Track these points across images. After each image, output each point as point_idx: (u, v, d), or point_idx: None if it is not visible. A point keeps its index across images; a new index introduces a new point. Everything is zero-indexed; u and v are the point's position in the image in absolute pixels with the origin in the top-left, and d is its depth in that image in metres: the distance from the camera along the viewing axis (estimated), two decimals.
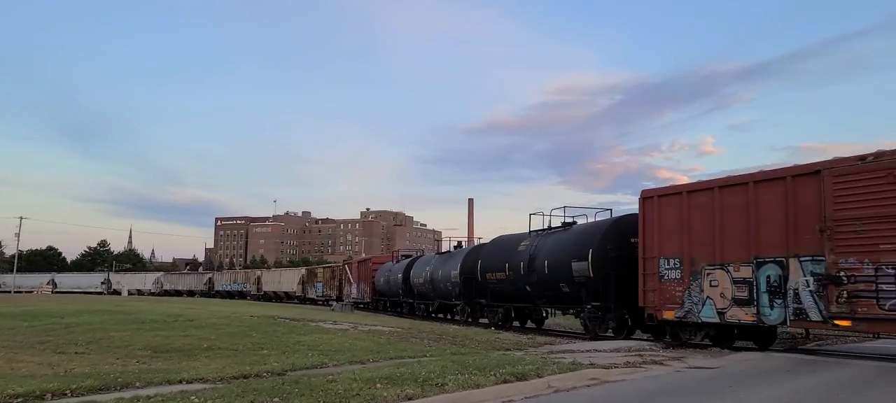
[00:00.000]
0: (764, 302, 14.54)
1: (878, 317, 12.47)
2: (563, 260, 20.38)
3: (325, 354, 12.98)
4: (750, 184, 15.06)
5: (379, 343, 15.24)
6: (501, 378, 8.80)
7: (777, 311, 14.30)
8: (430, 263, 32.79)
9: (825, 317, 13.38)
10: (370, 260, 45.23)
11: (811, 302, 13.63)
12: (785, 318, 14.19)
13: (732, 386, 9.29)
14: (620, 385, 9.28)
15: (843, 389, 9.08)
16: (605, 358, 12.81)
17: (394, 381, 8.37)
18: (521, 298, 23.49)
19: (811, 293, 13.60)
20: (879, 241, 12.56)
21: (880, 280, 12.44)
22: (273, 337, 16.19)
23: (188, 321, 20.45)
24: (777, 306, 14.27)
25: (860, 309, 12.74)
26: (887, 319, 12.33)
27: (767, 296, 14.47)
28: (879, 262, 12.50)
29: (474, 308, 27.25)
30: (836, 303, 13.10)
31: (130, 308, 27.16)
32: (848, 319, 13.04)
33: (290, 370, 10.40)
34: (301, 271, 62.10)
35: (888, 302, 12.26)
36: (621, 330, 19.11)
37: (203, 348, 14.28)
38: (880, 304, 12.41)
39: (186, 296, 73.29)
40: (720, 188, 15.78)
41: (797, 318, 13.95)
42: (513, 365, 10.21)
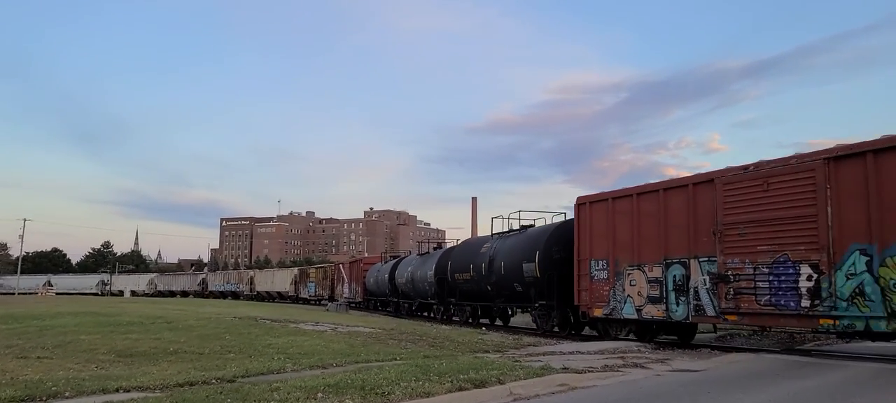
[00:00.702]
0: (672, 299, 15.79)
1: (757, 312, 13.89)
2: (516, 261, 21.65)
3: (291, 358, 12.42)
4: (660, 191, 16.26)
5: (353, 346, 14.65)
6: (457, 386, 8.19)
7: (682, 308, 15.59)
8: (411, 264, 33.41)
9: (718, 312, 14.67)
10: (361, 261, 45.90)
11: (707, 299, 14.90)
12: (688, 314, 15.41)
13: (711, 392, 8.66)
14: (588, 392, 8.66)
15: (829, 395, 8.43)
16: (584, 361, 12.19)
17: (339, 389, 7.77)
18: (483, 297, 24.70)
19: (707, 290, 14.87)
20: (757, 243, 13.83)
21: (757, 278, 13.79)
22: (246, 340, 15.62)
23: (166, 323, 19.91)
24: (682, 303, 15.55)
25: (743, 304, 14.07)
26: (763, 313, 13.78)
27: (674, 294, 15.73)
28: (757, 262, 13.82)
29: (447, 306, 28.25)
30: (725, 299, 14.39)
31: (115, 309, 26.66)
32: (734, 314, 14.38)
33: (243, 376, 9.86)
34: (293, 271, 63.02)
35: (763, 298, 13.67)
36: (565, 326, 20.17)
37: (169, 352, 13.72)
38: (758, 300, 13.80)
39: (180, 297, 73.09)
40: (638, 195, 16.95)
41: (697, 314, 15.18)
42: (477, 371, 9.59)
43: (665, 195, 16.15)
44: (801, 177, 13.32)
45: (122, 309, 26.66)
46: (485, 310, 25.97)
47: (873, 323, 11.98)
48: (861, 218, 12.20)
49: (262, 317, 23.19)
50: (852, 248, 12.35)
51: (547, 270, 19.93)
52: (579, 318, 19.29)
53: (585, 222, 18.50)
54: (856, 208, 12.31)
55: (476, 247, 26.07)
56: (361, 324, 21.89)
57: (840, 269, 12.50)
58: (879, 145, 12.12)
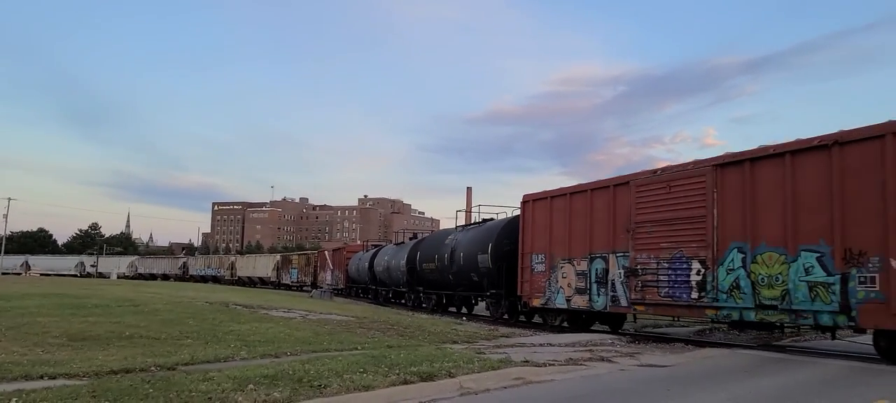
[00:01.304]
0: (594, 290, 17.03)
1: (659, 302, 15.21)
2: (473, 252, 22.83)
3: (247, 345, 12.00)
4: (589, 191, 17.49)
5: (318, 334, 14.22)
6: (402, 379, 7.77)
7: (602, 299, 16.81)
8: (387, 253, 33.99)
9: (629, 303, 15.91)
10: (344, 249, 46.30)
11: (622, 291, 16.11)
12: (606, 304, 16.62)
13: (671, 389, 8.26)
14: (542, 387, 8.24)
15: (792, 394, 8.03)
16: (551, 354, 11.79)
17: (274, 380, 7.35)
18: (447, 286, 25.77)
19: (622, 283, 16.11)
20: (661, 241, 15.11)
21: (660, 272, 15.12)
22: (208, 326, 15.16)
23: (134, 306, 19.42)
24: (602, 294, 16.77)
25: (648, 295, 15.36)
26: (663, 304, 15.12)
27: (596, 286, 16.97)
28: (660, 258, 15.12)
29: (417, 295, 29.31)
30: (635, 291, 15.65)
31: (87, 292, 26.15)
32: (642, 304, 15.69)
33: (187, 363, 9.41)
34: (275, 258, 63.77)
35: (664, 290, 14.98)
36: (513, 314, 21.32)
37: (124, 337, 13.23)
38: (659, 292, 15.11)
39: (161, 280, 72.63)
40: (571, 194, 18.10)
41: (613, 304, 16.41)
42: (432, 363, 9.18)
43: (592, 195, 17.33)
44: (695, 181, 14.55)
45: (94, 292, 26.16)
46: (449, 299, 26.59)
47: (745, 313, 13.42)
48: (739, 220, 13.46)
49: (236, 303, 22.73)
50: (732, 246, 13.63)
51: (498, 261, 21.03)
52: (522, 307, 20.33)
53: (529, 218, 19.75)
54: (736, 210, 13.57)
55: (441, 239, 27.22)
56: (336, 312, 21.46)
57: (722, 265, 13.79)
58: (755, 154, 13.40)
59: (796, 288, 12.37)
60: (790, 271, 12.48)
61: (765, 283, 12.93)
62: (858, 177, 11.61)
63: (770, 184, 13.03)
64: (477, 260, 22.33)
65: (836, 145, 11.97)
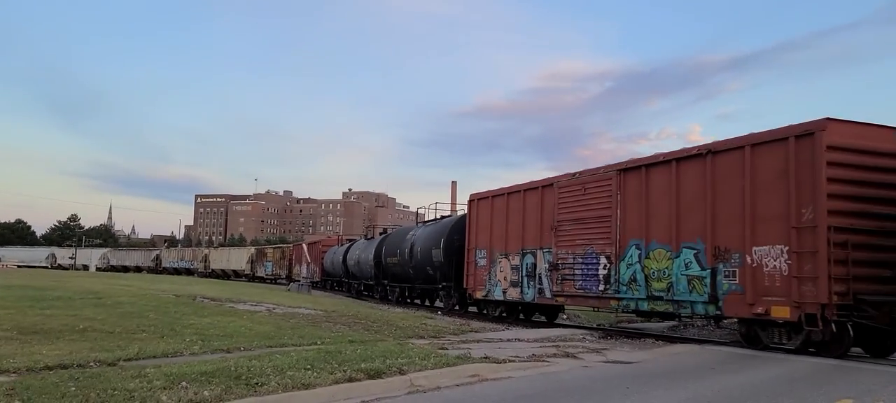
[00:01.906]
0: (525, 283, 18.31)
1: (574, 294, 16.62)
2: (428, 248, 24.09)
3: (203, 339, 11.60)
4: (522, 191, 18.75)
5: (280, 329, 13.83)
6: (348, 376, 7.40)
7: (531, 291, 18.09)
8: (359, 248, 34.81)
9: (552, 295, 17.27)
10: (320, 243, 47.41)
11: (547, 284, 17.40)
12: (534, 296, 17.95)
13: (629, 387, 7.97)
14: (497, 384, 7.94)
15: (755, 393, 7.77)
16: (516, 349, 11.48)
17: (210, 377, 6.98)
18: (408, 279, 26.94)
19: (547, 276, 17.42)
20: (577, 238, 16.54)
21: (575, 266, 16.54)
22: (168, 319, 14.72)
23: (97, 299, 18.96)
24: (531, 287, 18.05)
25: (566, 288, 16.75)
26: (578, 295, 16.56)
27: (527, 279, 18.24)
28: (576, 253, 16.53)
29: (383, 288, 30.37)
30: (556, 284, 17.02)
31: (53, 283, 25.59)
32: (562, 296, 17.13)
33: (131, 358, 9.00)
34: (250, 251, 65.11)
35: (578, 283, 16.41)
36: (463, 306, 22.53)
37: (77, 330, 12.75)
38: (575, 285, 16.51)
39: (133, 272, 71.83)
40: (508, 194, 19.43)
41: (540, 296, 17.75)
42: (385, 359, 8.84)
43: (524, 195, 18.63)
44: (603, 184, 15.95)
45: (61, 284, 25.61)
46: (411, 291, 27.58)
47: (640, 302, 14.93)
48: (637, 220, 14.89)
49: (205, 296, 22.29)
50: (631, 243, 15.05)
51: (449, 256, 22.33)
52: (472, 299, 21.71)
53: (474, 216, 21.20)
54: (635, 211, 15.00)
55: (404, 234, 28.54)
56: (307, 306, 21.05)
57: (623, 260, 15.22)
58: (649, 161, 14.88)
59: (678, 280, 13.80)
60: (674, 266, 13.90)
61: (655, 277, 14.37)
62: (726, 182, 12.97)
63: (661, 187, 14.37)
64: (432, 254, 23.60)
65: (709, 154, 13.38)
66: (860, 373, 9.74)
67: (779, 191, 12.00)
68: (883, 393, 8.08)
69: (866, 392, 8.06)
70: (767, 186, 12.25)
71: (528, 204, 18.39)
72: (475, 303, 21.57)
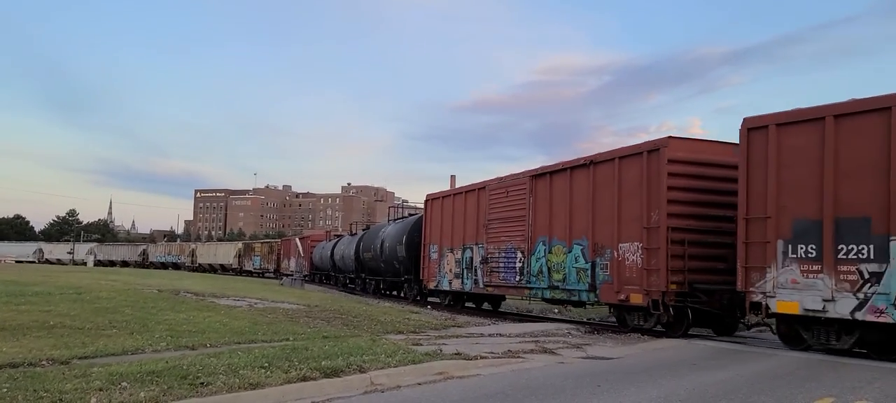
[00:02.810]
0: (465, 275, 20.67)
1: (498, 285, 18.92)
2: (394, 243, 26.30)
3: (173, 336, 11.27)
4: (464, 193, 21.23)
5: (255, 324, 13.49)
6: (302, 376, 7.05)
7: (469, 282, 20.46)
8: (344, 243, 36.42)
9: (484, 285, 19.56)
10: (309, 238, 49.37)
11: (480, 275, 19.68)
12: (471, 286, 20.33)
13: (601, 386, 7.64)
14: (460, 383, 7.61)
15: (732, 391, 7.42)
16: (492, 346, 11.14)
17: (154, 376, 6.64)
18: (380, 273, 29.11)
19: (480, 268, 19.71)
20: (501, 235, 18.83)
21: (500, 260, 18.81)
22: (144, 315, 14.39)
23: (77, 294, 18.61)
24: (469, 278, 20.46)
25: (494, 279, 19.04)
26: (502, 285, 18.85)
27: (466, 271, 20.58)
28: (500, 249, 18.81)
29: (363, 281, 32.05)
30: (487, 275, 19.39)
31: (38, 279, 25.26)
32: (490, 286, 19.28)
33: (87, 356, 8.69)
34: (238, 245, 66.84)
35: (501, 275, 18.72)
36: (423, 297, 24.57)
37: (45, 326, 12.40)
38: (499, 276, 18.80)
39: (120, 267, 71.82)
40: (454, 195, 22.01)
41: (475, 286, 20.12)
42: (349, 356, 8.49)
43: (466, 196, 21.00)
44: (520, 188, 18.09)
45: (47, 279, 25.28)
46: (385, 284, 29.28)
47: (544, 291, 17.24)
48: (544, 220, 17.04)
49: (189, 290, 21.95)
50: (539, 240, 17.22)
51: (410, 251, 24.54)
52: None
53: (429, 215, 23.56)
54: (542, 212, 17.13)
55: (378, 230, 30.43)
56: (292, 300, 20.71)
57: (533, 255, 17.40)
58: (553, 169, 16.92)
59: (570, 272, 16.02)
60: (567, 259, 16.11)
61: (555, 269, 16.59)
62: (603, 189, 15.14)
63: (561, 192, 16.48)
64: (397, 250, 25.80)
65: (592, 164, 15.56)
66: (847, 369, 9.41)
67: (638, 197, 14.06)
68: (868, 391, 7.74)
69: (850, 390, 7.72)
70: (630, 193, 14.28)
71: (468, 205, 20.70)
72: (429, 294, 23.85)
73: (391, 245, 26.53)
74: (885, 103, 10.39)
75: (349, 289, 34.27)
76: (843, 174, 10.75)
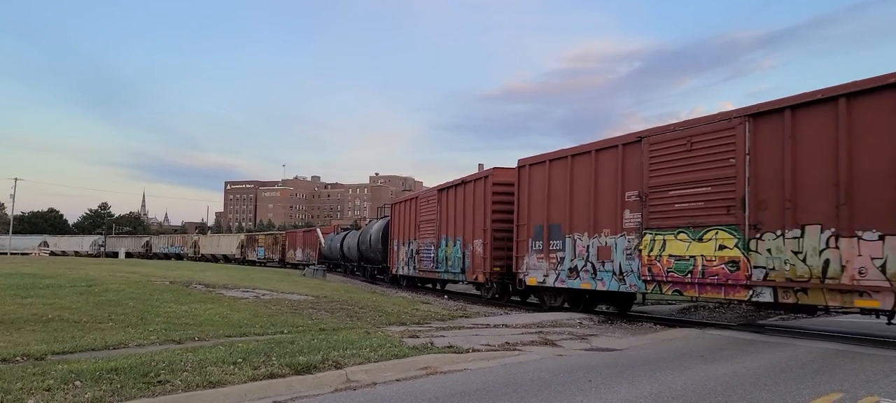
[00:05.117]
0: (410, 263, 26.94)
1: (424, 270, 25.09)
2: (376, 237, 33.11)
3: (168, 328, 11.09)
4: (413, 200, 27.53)
5: (255, 316, 13.25)
6: (269, 373, 6.69)
7: (412, 268, 26.66)
8: (350, 235, 41.41)
9: (417, 271, 25.97)
10: (316, 230, 53.98)
11: (425, 264, 25.13)
12: (412, 271, 26.74)
13: (592, 380, 7.16)
14: (444, 379, 7.17)
15: (734, 386, 6.89)
16: (489, 338, 10.70)
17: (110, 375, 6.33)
18: (372, 262, 35.04)
19: (416, 258, 26.09)
20: (425, 233, 25.15)
21: (424, 251, 25.08)
22: (145, 307, 14.23)
23: (87, 286, 18.58)
24: (412, 265, 26.73)
25: (422, 266, 25.25)
26: (426, 271, 24.94)
27: (411, 260, 26.84)
28: (425, 243, 25.14)
29: (363, 269, 37.45)
30: (419, 263, 25.68)
31: (54, 271, 25.41)
32: (420, 271, 25.52)
33: (65, 352, 8.51)
34: (240, 237, 71.71)
35: (425, 264, 24.90)
36: (394, 282, 30.15)
37: (44, 320, 12.29)
38: (424, 265, 25.02)
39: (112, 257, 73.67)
40: (407, 201, 28.57)
41: (412, 272, 26.67)
42: (329, 351, 8.15)
43: (412, 202, 27.52)
44: (433, 198, 24.62)
45: (64, 272, 25.40)
46: (375, 270, 34.92)
47: (442, 274, 23.41)
48: (445, 222, 23.25)
49: (200, 282, 21.83)
50: (443, 237, 23.39)
51: (385, 244, 31.43)
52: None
53: (393, 216, 30.42)
54: (447, 217, 23.18)
55: (371, 225, 36.56)
56: (302, 291, 20.49)
57: (440, 248, 23.57)
58: (455, 183, 22.60)
59: (454, 260, 22.20)
60: (454, 251, 22.32)
61: (449, 258, 22.64)
62: (469, 203, 21.33)
63: (453, 202, 22.75)
64: (378, 242, 32.48)
65: (463, 184, 21.93)
66: (865, 361, 8.79)
67: (481, 208, 20.36)
68: (883, 384, 7.15)
69: (863, 384, 7.14)
70: (477, 205, 20.69)
71: (412, 209, 27.14)
72: (395, 279, 29.86)
73: (375, 238, 33.24)
74: (588, 148, 15.90)
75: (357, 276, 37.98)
76: (553, 197, 16.90)
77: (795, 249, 11.02)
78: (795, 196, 11.07)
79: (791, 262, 11.06)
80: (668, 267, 13.44)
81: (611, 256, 14.94)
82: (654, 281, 13.81)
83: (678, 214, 13.30)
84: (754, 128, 11.85)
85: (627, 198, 14.51)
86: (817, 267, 10.66)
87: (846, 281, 10.24)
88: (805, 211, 10.92)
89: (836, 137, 10.49)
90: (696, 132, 12.97)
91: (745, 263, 11.87)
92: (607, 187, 15.08)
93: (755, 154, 11.80)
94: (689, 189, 13.04)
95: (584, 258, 15.69)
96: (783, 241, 11.20)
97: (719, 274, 12.36)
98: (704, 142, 12.75)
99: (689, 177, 13.03)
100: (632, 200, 14.41)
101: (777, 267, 11.31)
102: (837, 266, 10.36)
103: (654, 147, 13.92)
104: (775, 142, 11.45)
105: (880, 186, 9.93)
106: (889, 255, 9.76)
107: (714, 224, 12.49)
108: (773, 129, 11.54)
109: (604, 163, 15.24)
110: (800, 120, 11.13)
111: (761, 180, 11.66)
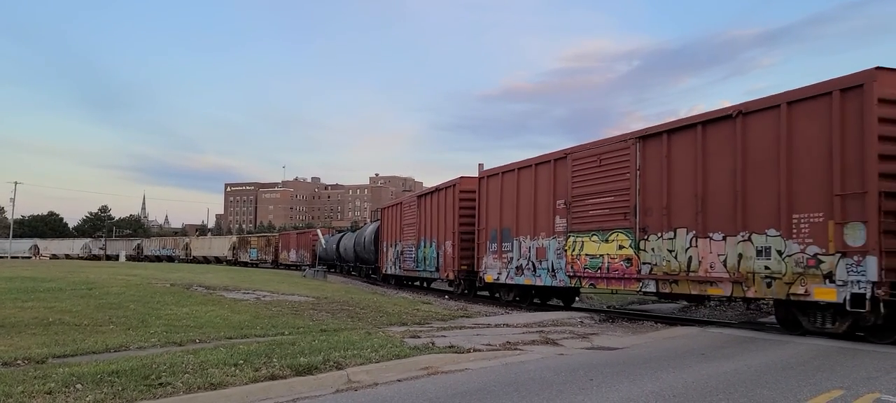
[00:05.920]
0: (398, 263, 29.24)
1: (407, 269, 27.77)
2: (369, 239, 35.89)
3: (168, 331, 11.10)
4: (398, 205, 30.49)
5: (256, 318, 13.25)
6: (270, 374, 6.70)
7: (398, 268, 29.32)
8: (346, 237, 43.55)
9: (402, 270, 28.77)
10: (310, 232, 55.51)
11: (407, 263, 27.63)
12: (397, 270, 29.44)
13: (593, 379, 7.16)
14: (445, 379, 7.17)
15: (736, 384, 6.89)
16: (491, 337, 10.71)
17: (112, 378, 6.33)
18: (366, 262, 37.60)
19: (400, 258, 28.79)
20: (407, 236, 27.84)
21: (406, 252, 27.75)
22: (145, 310, 14.23)
23: (88, 289, 18.60)
24: (397, 265, 29.36)
25: (405, 266, 27.98)
26: (409, 270, 27.69)
27: (397, 260, 29.34)
28: (407, 244, 27.75)
29: (359, 269, 39.87)
30: (402, 263, 28.37)
31: (54, 274, 25.42)
32: (404, 270, 28.32)
33: (66, 355, 8.51)
34: (232, 239, 74.09)
35: (407, 264, 27.61)
36: (386, 280, 32.57)
37: (44, 323, 12.29)
38: (407, 264, 27.72)
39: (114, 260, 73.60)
40: (393, 206, 31.47)
41: (399, 271, 29.36)
42: (331, 352, 8.15)
43: (397, 208, 30.31)
44: (414, 204, 27.30)
45: (64, 275, 25.39)
46: (369, 270, 37.17)
47: (422, 272, 26.08)
48: (425, 226, 25.50)
49: (201, 284, 21.83)
50: (422, 239, 25.78)
51: (376, 246, 34.36)
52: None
53: (384, 219, 32.95)
54: (426, 221, 25.47)
55: (365, 228, 39.39)
56: (303, 292, 20.49)
57: (419, 249, 25.94)
58: (429, 191, 25.67)
59: (431, 260, 24.51)
60: (430, 251, 24.65)
61: (427, 258, 24.90)
62: (441, 209, 23.73)
63: (430, 209, 25.01)
64: (370, 244, 35.42)
65: (437, 191, 24.39)
66: (866, 358, 8.80)
67: (451, 214, 22.59)
68: (884, 381, 7.15)
69: (863, 381, 7.14)
70: (447, 212, 23.01)
71: (397, 214, 29.81)
72: (384, 278, 32.37)
73: (368, 240, 35.99)
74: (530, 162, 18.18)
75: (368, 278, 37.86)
76: (505, 205, 19.11)
77: (670, 248, 13.48)
78: (670, 204, 13.47)
79: (667, 259, 13.55)
80: (585, 264, 15.92)
81: (546, 256, 17.31)
82: (577, 277, 16.26)
83: (592, 220, 15.76)
84: (643, 148, 14.29)
85: (558, 205, 16.92)
86: (684, 263, 13.11)
87: (701, 274, 12.73)
88: (677, 217, 13.33)
89: (696, 158, 12.89)
90: (604, 151, 15.45)
91: (636, 260, 14.36)
92: (543, 196, 17.48)
93: (643, 170, 14.26)
94: (600, 198, 15.53)
95: (527, 257, 18.08)
96: (662, 242, 13.65)
97: (620, 269, 14.84)
98: (610, 159, 15.24)
99: (600, 189, 15.52)
100: (561, 207, 16.82)
101: (658, 263, 13.77)
102: (696, 261, 12.85)
103: (575, 162, 16.36)
104: (657, 161, 13.84)
105: (723, 196, 12.35)
106: (729, 252, 12.15)
107: (616, 227, 15.02)
108: (656, 150, 13.91)
109: (542, 176, 17.56)
110: (673, 143, 13.49)
111: (648, 192, 14.10)
